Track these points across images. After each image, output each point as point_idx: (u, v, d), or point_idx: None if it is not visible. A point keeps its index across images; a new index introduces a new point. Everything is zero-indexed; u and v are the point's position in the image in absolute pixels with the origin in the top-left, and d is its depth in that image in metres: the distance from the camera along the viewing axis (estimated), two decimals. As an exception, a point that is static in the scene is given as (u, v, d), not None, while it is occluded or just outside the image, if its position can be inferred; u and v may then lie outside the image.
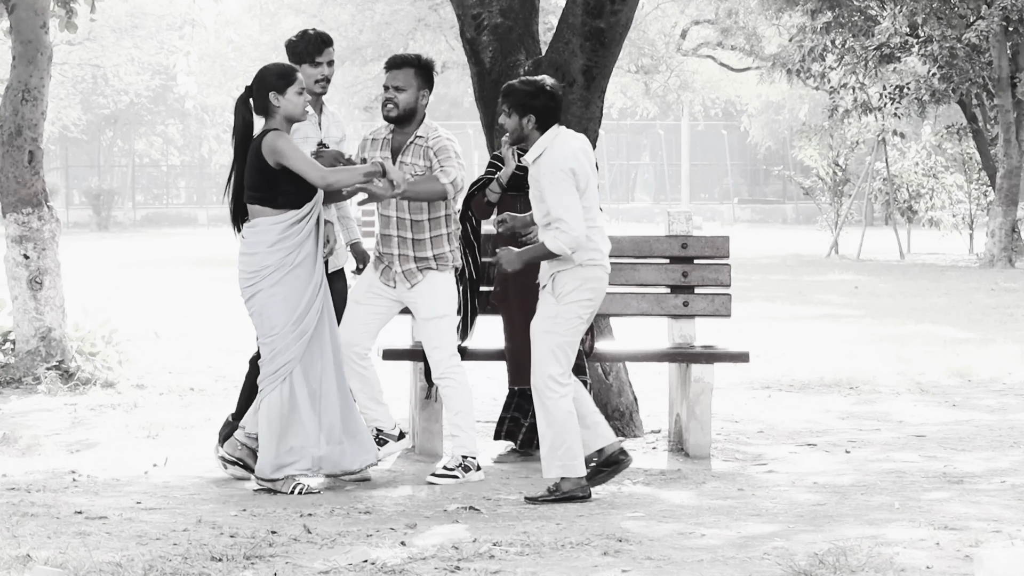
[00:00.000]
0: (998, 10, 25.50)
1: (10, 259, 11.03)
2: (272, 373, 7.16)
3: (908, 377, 11.47)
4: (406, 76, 7.55)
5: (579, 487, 7.00)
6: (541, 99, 7.01)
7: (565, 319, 6.97)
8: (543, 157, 6.98)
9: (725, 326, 13.14)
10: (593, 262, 7.00)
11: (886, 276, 24.39)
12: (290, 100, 7.14)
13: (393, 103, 7.55)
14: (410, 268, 7.59)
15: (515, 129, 7.08)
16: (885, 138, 31.13)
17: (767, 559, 5.82)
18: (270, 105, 7.15)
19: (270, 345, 7.17)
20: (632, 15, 8.87)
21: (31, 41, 11.10)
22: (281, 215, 7.13)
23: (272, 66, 7.24)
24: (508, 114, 7.08)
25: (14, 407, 10.00)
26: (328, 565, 5.69)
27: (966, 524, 6.44)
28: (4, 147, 11.03)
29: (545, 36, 15.92)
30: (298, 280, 7.17)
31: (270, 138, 7.09)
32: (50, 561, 5.65)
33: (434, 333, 7.59)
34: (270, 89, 7.14)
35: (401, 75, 7.54)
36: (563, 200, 6.90)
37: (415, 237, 7.59)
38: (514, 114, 7.05)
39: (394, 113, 7.56)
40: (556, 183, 6.92)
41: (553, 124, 7.05)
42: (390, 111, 7.57)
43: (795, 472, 7.79)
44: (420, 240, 7.59)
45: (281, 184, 7.10)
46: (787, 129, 51.68)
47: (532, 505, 6.93)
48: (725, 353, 8.36)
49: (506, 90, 7.11)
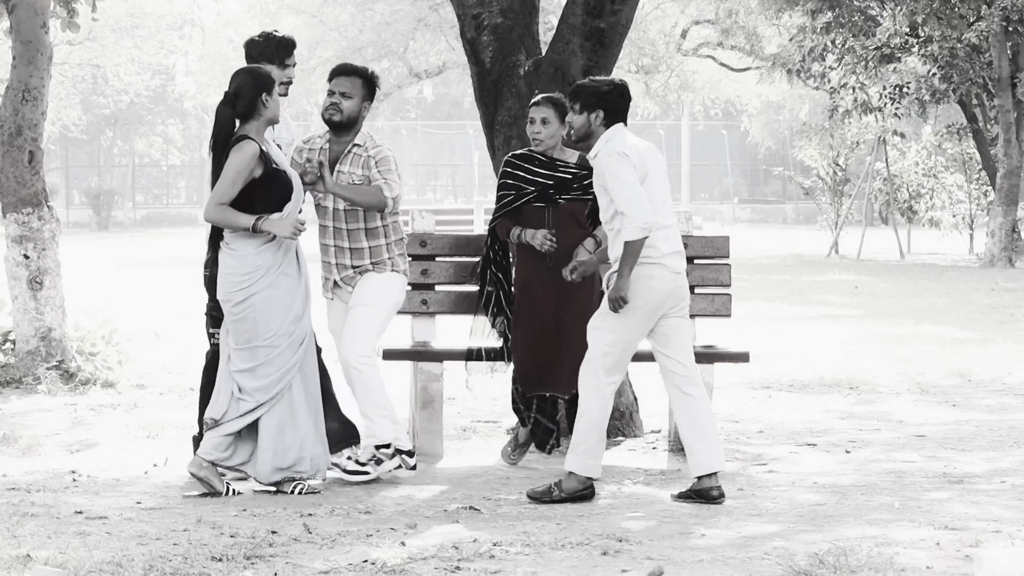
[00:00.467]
0: (998, 10, 25.51)
1: (10, 259, 11.04)
2: (276, 382, 7.09)
3: (908, 377, 11.48)
4: (353, 84, 7.54)
5: (584, 486, 7.00)
6: (612, 96, 7.06)
7: (611, 316, 6.97)
8: (602, 150, 7.00)
9: (725, 326, 13.15)
10: (648, 260, 6.95)
11: (886, 276, 24.40)
12: (275, 101, 7.15)
13: (338, 108, 7.52)
14: (347, 274, 7.59)
15: (582, 126, 7.08)
16: (885, 138, 31.14)
17: (767, 559, 5.83)
18: (259, 107, 7.09)
19: (266, 350, 7.09)
20: (632, 15, 8.88)
21: (31, 41, 11.10)
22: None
23: (254, 69, 7.18)
24: (577, 111, 7.09)
25: (14, 407, 10.00)
26: (328, 565, 5.69)
27: (966, 524, 6.44)
28: (4, 147, 11.04)
29: (545, 36, 15.91)
30: (289, 280, 7.13)
31: (237, 150, 7.00)
32: (50, 561, 5.66)
33: (354, 319, 7.48)
34: (262, 91, 7.09)
35: (349, 82, 7.53)
36: (623, 186, 6.88)
37: (352, 246, 7.57)
38: (584, 111, 7.07)
39: (337, 118, 7.52)
40: (614, 167, 6.90)
41: (619, 123, 7.07)
42: (333, 115, 7.52)
43: (795, 472, 7.79)
44: (358, 249, 7.57)
45: (253, 190, 7.02)
46: (787, 129, 51.67)
47: (533, 504, 6.93)
48: (725, 353, 8.37)
49: (576, 88, 7.15)
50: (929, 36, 26.49)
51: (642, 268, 6.95)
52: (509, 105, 8.71)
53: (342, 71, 7.60)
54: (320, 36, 38.35)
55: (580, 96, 7.09)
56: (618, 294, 6.91)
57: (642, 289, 6.96)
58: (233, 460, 7.14)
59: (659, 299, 7.00)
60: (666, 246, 7.01)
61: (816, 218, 38.30)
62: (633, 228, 6.85)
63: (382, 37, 36.25)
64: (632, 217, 6.84)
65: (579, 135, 7.14)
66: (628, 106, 7.12)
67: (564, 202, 7.73)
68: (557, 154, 7.77)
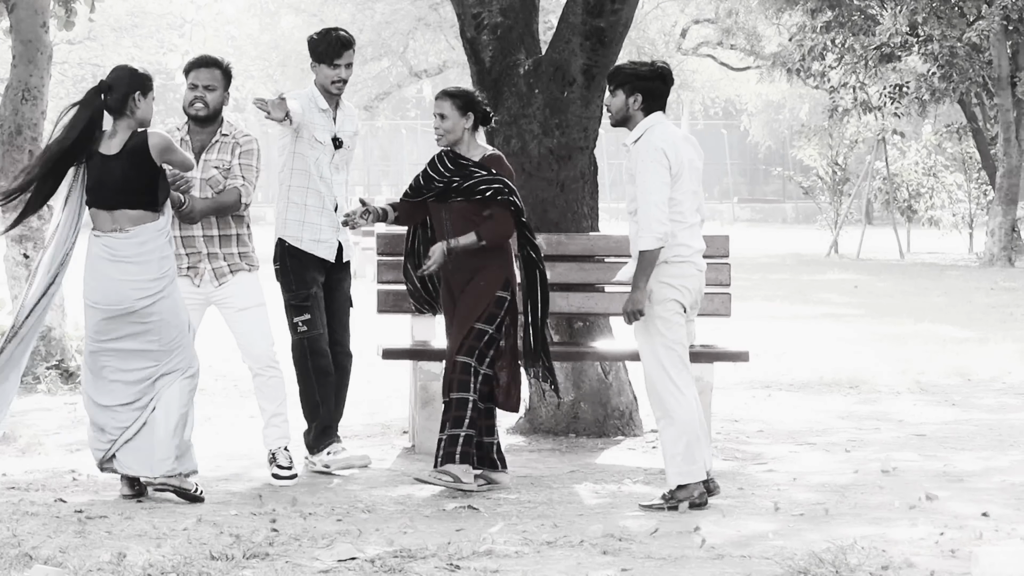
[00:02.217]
0: (998, 9, 25.51)
1: (10, 258, 11.04)
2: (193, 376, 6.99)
3: (908, 376, 11.48)
4: (214, 75, 7.51)
5: (697, 494, 6.80)
6: (652, 80, 6.93)
7: (659, 319, 6.82)
8: (641, 141, 6.89)
9: (725, 325, 13.14)
10: (680, 258, 6.86)
11: (886, 275, 24.41)
12: (149, 104, 6.96)
13: (203, 102, 7.48)
14: (220, 266, 7.54)
15: (620, 109, 6.95)
16: (885, 137, 31.15)
17: (767, 558, 5.83)
18: (130, 105, 6.90)
19: (181, 344, 6.95)
20: (632, 14, 8.88)
21: (31, 40, 11.11)
22: (161, 219, 6.93)
23: (131, 67, 7.02)
24: (614, 93, 6.96)
25: (14, 406, 9.96)
26: (328, 564, 5.70)
27: (965, 523, 6.45)
28: (4, 146, 11.04)
29: (545, 35, 15.91)
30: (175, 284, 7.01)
31: (156, 137, 6.84)
32: (50, 560, 5.67)
33: (254, 322, 7.49)
34: (135, 90, 6.91)
35: (210, 74, 7.50)
36: (650, 190, 6.76)
37: (221, 234, 7.53)
38: (620, 92, 6.94)
39: (203, 112, 7.49)
40: (648, 163, 6.79)
41: (658, 110, 6.95)
42: (199, 110, 7.47)
43: (795, 471, 7.80)
44: (226, 236, 7.52)
45: (160, 184, 6.91)
46: (787, 128, 51.68)
47: (532, 504, 6.87)
48: (725, 352, 8.38)
49: (615, 70, 7.02)
50: (929, 35, 26.50)
51: (676, 267, 6.85)
52: (509, 104, 8.72)
53: (202, 63, 7.53)
54: (320, 35, 38.32)
55: (619, 78, 6.96)
56: (635, 307, 6.78)
57: (683, 287, 6.85)
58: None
59: (695, 296, 6.94)
60: (696, 243, 6.94)
61: (816, 217, 38.29)
62: (649, 237, 6.75)
63: (382, 36, 36.27)
64: (647, 226, 6.75)
65: (617, 118, 6.99)
66: (668, 91, 6.99)
67: (459, 202, 7.27)
68: (462, 150, 7.34)
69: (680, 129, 7.01)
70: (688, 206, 6.89)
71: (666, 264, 6.85)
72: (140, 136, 6.87)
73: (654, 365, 6.83)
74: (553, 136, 8.62)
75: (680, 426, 6.78)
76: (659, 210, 6.76)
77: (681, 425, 6.78)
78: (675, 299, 6.85)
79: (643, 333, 6.87)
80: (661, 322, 6.83)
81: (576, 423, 8.78)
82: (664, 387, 6.80)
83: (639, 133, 6.92)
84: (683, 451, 6.77)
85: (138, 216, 6.89)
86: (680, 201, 6.86)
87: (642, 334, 6.87)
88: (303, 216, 7.74)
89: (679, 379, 6.81)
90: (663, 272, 6.84)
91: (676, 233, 6.85)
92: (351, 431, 8.78)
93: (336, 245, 7.80)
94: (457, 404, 7.14)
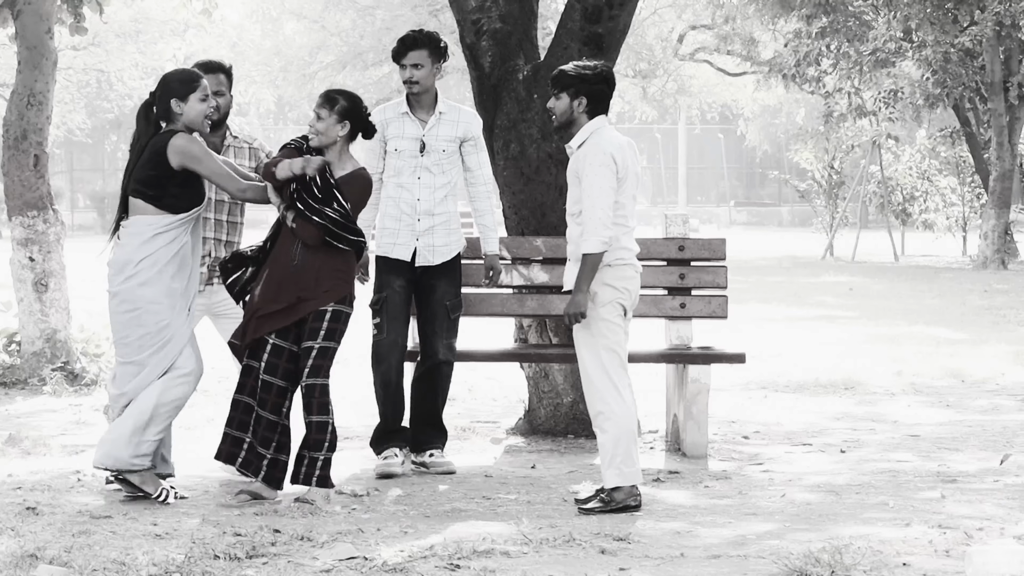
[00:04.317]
0: (991, 15, 25.59)
1: (16, 262, 11.11)
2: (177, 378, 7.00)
3: (902, 378, 11.53)
4: (219, 80, 7.59)
5: (631, 496, 6.81)
6: (597, 84, 6.87)
7: (603, 321, 6.82)
8: (587, 144, 6.85)
9: (721, 327, 13.22)
10: (621, 261, 6.87)
11: (880, 278, 24.45)
12: (192, 107, 7.00)
13: (214, 107, 7.48)
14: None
15: (564, 112, 6.88)
16: (880, 142, 31.21)
17: (763, 558, 5.87)
18: (171, 111, 7.01)
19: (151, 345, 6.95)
20: (630, 20, 8.93)
21: (36, 46, 11.18)
22: (160, 217, 6.97)
23: (175, 72, 7.12)
24: (558, 96, 6.89)
25: (20, 408, 10.06)
26: (329, 564, 5.73)
27: (959, 523, 6.49)
28: (10, 151, 11.11)
29: (544, 41, 15.99)
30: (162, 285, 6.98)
31: (181, 140, 6.92)
32: (55, 560, 5.70)
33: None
34: (171, 97, 7.01)
35: (216, 80, 7.56)
36: (598, 196, 6.73)
37: (228, 239, 7.63)
38: (565, 96, 6.88)
39: (216, 116, 7.52)
40: (597, 168, 6.75)
41: (602, 113, 6.91)
42: (212, 115, 7.42)
43: (791, 472, 7.84)
44: (232, 243, 7.63)
45: (170, 187, 6.96)
46: (783, 133, 51.70)
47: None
48: (722, 354, 8.42)
49: (558, 73, 6.92)
50: (923, 41, 26.56)
51: (618, 270, 6.86)
52: (508, 109, 8.77)
53: (207, 69, 7.56)
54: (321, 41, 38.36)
55: (563, 81, 6.89)
56: (578, 309, 6.75)
57: (625, 289, 6.88)
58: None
59: (634, 298, 6.97)
60: (634, 246, 6.96)
61: (811, 221, 38.35)
62: (594, 240, 6.74)
63: (382, 42, 36.25)
64: (593, 230, 6.74)
65: (561, 120, 6.93)
66: (612, 93, 6.95)
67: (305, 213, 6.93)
68: (332, 156, 7.05)
69: (621, 135, 7.00)
70: (629, 210, 6.91)
71: (609, 267, 6.85)
72: (165, 136, 6.99)
73: (595, 367, 6.81)
74: (552, 141, 8.66)
75: (619, 428, 6.77)
76: (605, 214, 6.75)
77: (620, 427, 6.77)
78: (619, 301, 6.85)
79: (585, 335, 6.85)
80: (604, 324, 6.82)
81: (575, 423, 8.83)
82: (605, 389, 6.79)
83: (584, 137, 6.88)
84: (623, 453, 6.77)
85: (139, 207, 7.00)
86: (623, 204, 6.86)
87: (584, 336, 6.85)
88: (382, 222, 7.87)
89: (620, 381, 6.81)
90: (606, 275, 6.84)
91: (619, 237, 6.86)
92: (352, 431, 8.84)
93: (412, 247, 7.83)
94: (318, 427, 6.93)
